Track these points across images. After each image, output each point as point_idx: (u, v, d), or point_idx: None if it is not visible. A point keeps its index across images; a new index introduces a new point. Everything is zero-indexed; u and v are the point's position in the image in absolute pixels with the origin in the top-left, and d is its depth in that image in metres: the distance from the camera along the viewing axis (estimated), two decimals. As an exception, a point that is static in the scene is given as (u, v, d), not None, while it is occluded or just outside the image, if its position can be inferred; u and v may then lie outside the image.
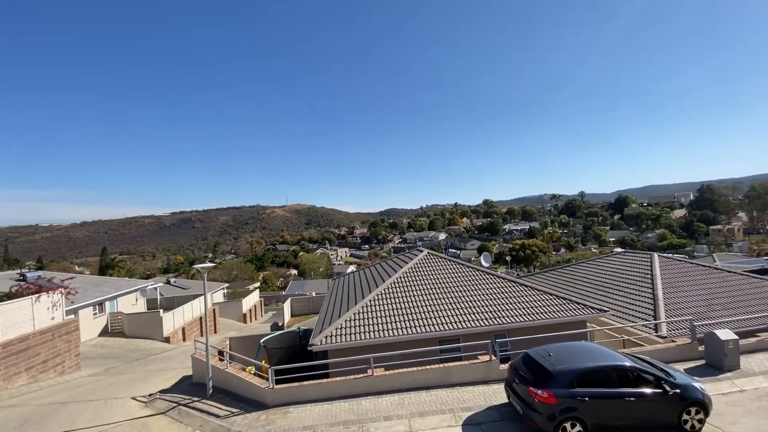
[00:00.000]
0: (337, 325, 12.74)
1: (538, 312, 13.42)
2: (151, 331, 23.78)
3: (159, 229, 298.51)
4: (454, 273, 16.52)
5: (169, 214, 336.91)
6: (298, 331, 14.92)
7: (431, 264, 17.51)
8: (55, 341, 15.40)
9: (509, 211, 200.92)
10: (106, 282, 28.28)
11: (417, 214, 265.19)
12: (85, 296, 21.65)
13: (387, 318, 13.26)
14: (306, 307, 39.89)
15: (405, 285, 15.59)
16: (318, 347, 11.81)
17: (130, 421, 9.63)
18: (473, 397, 9.70)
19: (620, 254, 23.29)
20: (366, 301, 14.24)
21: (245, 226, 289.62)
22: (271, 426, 8.81)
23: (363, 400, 9.84)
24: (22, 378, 13.76)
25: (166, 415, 9.88)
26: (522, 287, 15.10)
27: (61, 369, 15.51)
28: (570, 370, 7.71)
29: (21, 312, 14.15)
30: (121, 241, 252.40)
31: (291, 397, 10.06)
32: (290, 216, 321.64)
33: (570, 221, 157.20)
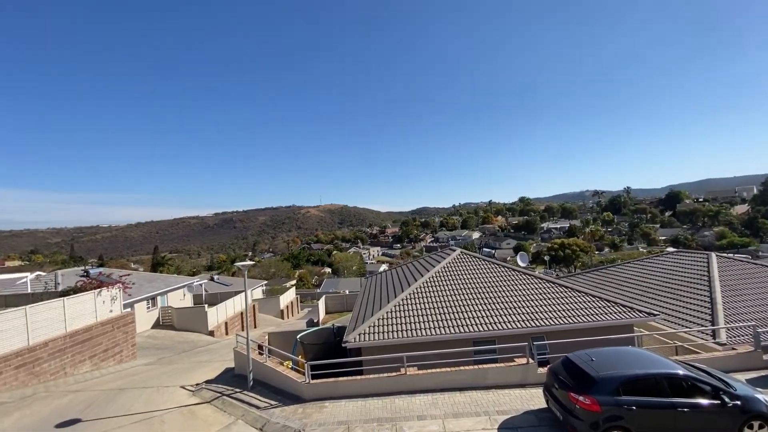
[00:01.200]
0: (370, 323, 12.88)
1: (580, 314, 12.79)
2: (197, 324, 25.31)
3: (203, 229, 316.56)
4: (488, 273, 16.13)
5: (212, 214, 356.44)
6: (332, 328, 15.25)
7: (464, 263, 17.22)
8: (115, 332, 16.81)
9: (547, 208, 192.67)
10: (157, 278, 30.49)
11: (449, 212, 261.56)
12: (139, 291, 23.45)
13: (419, 317, 13.21)
14: (340, 304, 40.69)
15: (437, 284, 15.45)
16: (352, 344, 12.01)
17: (179, 408, 10.32)
18: (510, 401, 9.44)
19: (672, 254, 21.61)
20: (398, 300, 14.27)
21: (282, 226, 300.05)
22: (308, 419, 9.08)
23: (396, 399, 9.88)
24: (87, 365, 15.16)
25: (211, 404, 10.48)
26: (562, 288, 14.46)
27: (119, 358, 16.91)
28: (615, 377, 7.28)
29: (85, 305, 15.59)
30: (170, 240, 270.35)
31: (326, 392, 10.31)
32: (324, 216, 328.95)
33: (614, 219, 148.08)
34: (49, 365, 13.53)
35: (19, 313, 12.81)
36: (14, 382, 12.25)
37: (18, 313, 12.78)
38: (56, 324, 14.06)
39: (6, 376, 12.03)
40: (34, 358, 12.99)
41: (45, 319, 13.65)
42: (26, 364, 12.72)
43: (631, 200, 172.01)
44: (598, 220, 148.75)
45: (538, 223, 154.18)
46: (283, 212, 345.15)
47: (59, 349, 13.97)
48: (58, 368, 13.84)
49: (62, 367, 14.03)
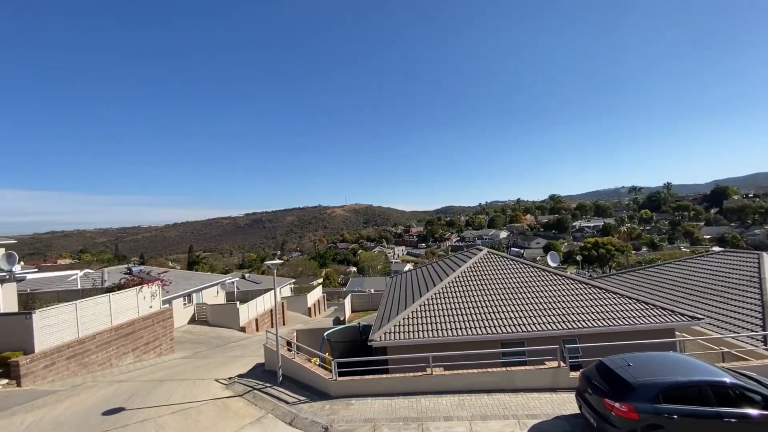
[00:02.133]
0: (395, 322, 12.90)
1: (615, 317, 12.21)
2: (229, 320, 26.34)
3: (235, 229, 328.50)
4: (517, 273, 15.73)
5: (243, 215, 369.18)
6: (358, 326, 15.42)
7: (492, 263, 16.88)
8: (154, 326, 17.81)
9: (579, 206, 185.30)
10: (193, 276, 31.99)
11: (475, 211, 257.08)
12: (176, 288, 24.70)
13: (445, 317, 13.09)
14: (365, 303, 41.00)
15: (464, 285, 15.24)
16: (377, 343, 12.08)
17: (214, 400, 10.79)
18: (540, 405, 9.17)
19: (719, 254, 20.16)
20: (423, 299, 14.21)
21: (308, 226, 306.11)
22: (335, 416, 9.23)
23: (422, 399, 9.85)
24: (129, 357, 16.15)
25: (243, 398, 10.88)
26: (595, 289, 13.86)
27: (159, 351, 17.90)
28: (655, 383, 6.90)
29: (128, 301, 16.61)
30: (204, 240, 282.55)
31: (352, 390, 10.44)
32: (349, 215, 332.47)
33: (653, 216, 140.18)
34: (97, 356, 14.54)
35: (71, 307, 13.85)
36: (66, 371, 13.25)
37: (69, 307, 13.82)
38: (103, 318, 15.08)
39: (59, 365, 13.03)
40: (83, 350, 14.00)
41: (93, 313, 14.67)
42: (76, 355, 13.73)
43: (672, 197, 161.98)
44: (635, 218, 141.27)
45: (570, 221, 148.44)
46: (309, 212, 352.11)
47: (105, 341, 14.98)
48: (104, 359, 14.84)
49: (108, 358, 15.03)
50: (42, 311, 12.92)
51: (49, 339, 12.88)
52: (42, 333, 12.66)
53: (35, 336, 12.46)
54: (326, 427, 8.71)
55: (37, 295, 19.08)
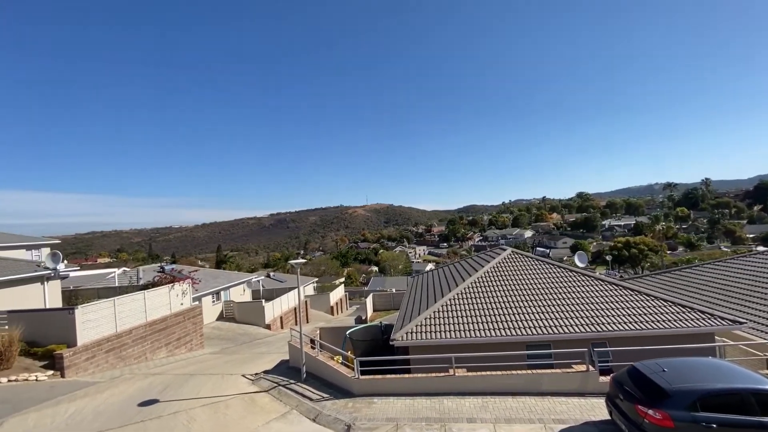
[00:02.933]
0: (417, 322, 12.86)
1: (649, 320, 11.66)
2: (255, 318, 27.10)
3: (260, 229, 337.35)
4: (542, 273, 15.31)
5: (268, 215, 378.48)
6: (380, 325, 15.46)
7: (516, 263, 16.51)
8: (185, 323, 18.57)
9: (609, 204, 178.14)
10: (221, 275, 33.12)
11: (499, 210, 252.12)
12: (205, 286, 25.65)
13: (468, 318, 12.91)
14: (387, 302, 41.09)
15: (487, 285, 14.99)
16: (399, 342, 12.09)
17: (241, 395, 11.14)
18: (567, 409, 8.90)
19: (763, 254, 18.83)
20: (446, 299, 14.08)
21: (330, 225, 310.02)
22: (357, 414, 9.32)
23: (445, 399, 9.78)
24: (163, 352, 16.92)
25: (269, 393, 11.18)
26: (627, 291, 13.29)
27: (189, 346, 18.65)
28: (692, 390, 6.55)
29: (161, 298, 17.41)
30: (231, 240, 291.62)
31: (375, 389, 10.50)
32: (370, 215, 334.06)
33: (690, 214, 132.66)
34: (133, 350, 15.33)
35: (109, 303, 14.68)
36: (105, 364, 14.05)
37: (108, 303, 14.65)
38: (138, 314, 15.88)
39: (98, 358, 13.84)
40: (121, 344, 14.79)
41: (129, 309, 15.48)
42: (115, 348, 14.53)
43: (711, 193, 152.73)
44: (670, 216, 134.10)
45: (599, 220, 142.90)
46: (331, 212, 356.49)
47: (141, 336, 15.76)
48: (140, 353, 15.62)
49: (143, 352, 15.81)
50: (83, 307, 13.76)
51: (89, 333, 13.70)
52: (83, 327, 13.48)
53: (77, 330, 13.28)
54: (349, 424, 8.80)
55: (79, 292, 20.35)
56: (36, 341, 13.35)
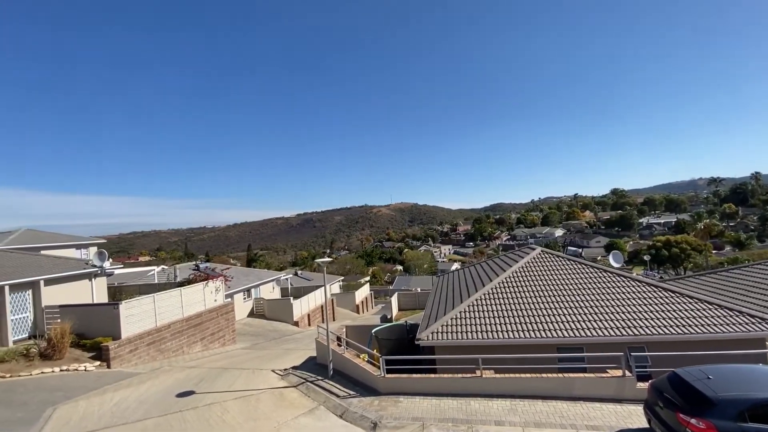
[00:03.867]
0: (443, 321, 12.75)
1: (691, 323, 10.97)
2: (284, 315, 27.84)
3: (288, 229, 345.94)
4: (574, 274, 14.75)
5: (295, 215, 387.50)
6: (405, 324, 15.45)
7: (546, 263, 16.00)
8: (218, 319, 19.38)
9: (647, 200, 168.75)
10: (251, 273, 34.28)
11: (527, 208, 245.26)
12: (237, 284, 26.62)
13: (495, 319, 12.65)
14: (412, 302, 40.98)
15: (515, 285, 14.62)
16: (425, 342, 12.04)
17: (271, 389, 11.50)
18: (602, 416, 8.53)
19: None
20: (472, 300, 13.87)
21: (355, 225, 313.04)
22: (383, 412, 9.38)
23: (472, 401, 9.65)
24: (198, 346, 17.74)
25: (297, 389, 11.47)
26: (667, 292, 12.56)
27: (222, 341, 19.44)
28: (740, 399, 6.11)
29: (196, 294, 18.25)
30: (260, 239, 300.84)
31: (400, 387, 10.52)
32: (394, 214, 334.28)
33: (739, 211, 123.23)
34: (171, 344, 16.17)
35: (149, 299, 15.57)
36: (146, 356, 14.91)
37: (148, 299, 15.54)
38: (175, 310, 16.73)
39: (140, 351, 14.71)
40: (160, 337, 15.65)
41: (167, 305, 16.34)
42: (155, 342, 15.39)
43: (762, 188, 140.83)
44: (716, 213, 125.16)
45: (636, 217, 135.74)
46: (356, 212, 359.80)
47: (178, 330, 16.60)
48: (177, 347, 16.46)
49: (180, 346, 16.65)
50: (126, 302, 14.67)
51: (132, 327, 14.59)
52: (127, 321, 14.38)
53: (122, 324, 14.18)
54: (375, 422, 8.88)
55: (122, 288, 21.69)
56: (85, 334, 14.38)
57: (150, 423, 9.12)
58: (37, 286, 15.50)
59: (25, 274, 15.35)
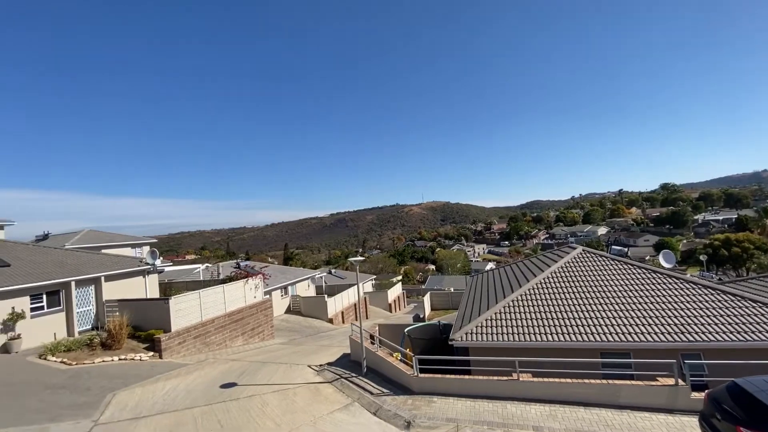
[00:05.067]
0: (477, 322, 12.52)
1: (755, 330, 9.98)
2: (319, 312, 28.57)
3: (321, 228, 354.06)
4: (620, 274, 13.91)
5: (329, 215, 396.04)
6: (438, 324, 15.31)
7: (588, 263, 15.21)
8: (258, 315, 20.24)
9: (703, 195, 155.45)
10: (288, 270, 35.48)
11: (567, 205, 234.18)
12: (275, 281, 27.67)
13: (533, 321, 12.22)
14: (445, 302, 40.50)
15: (554, 286, 14.03)
16: (458, 343, 11.88)
17: (307, 384, 11.87)
18: (651, 426, 7.99)
19: None
20: (508, 300, 13.49)
21: (387, 224, 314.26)
22: (417, 411, 9.37)
23: (508, 404, 9.39)
24: (239, 340, 18.64)
25: (332, 385, 11.74)
26: (727, 296, 11.52)
27: (262, 336, 20.29)
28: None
29: (237, 291, 19.18)
30: (296, 238, 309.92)
31: (434, 387, 10.46)
32: (426, 213, 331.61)
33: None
34: (215, 337, 17.12)
35: (195, 295, 16.57)
36: (193, 348, 15.89)
37: (195, 295, 16.55)
38: (219, 305, 17.69)
39: (188, 343, 15.70)
40: (205, 331, 16.62)
41: (212, 301, 17.31)
42: (200, 335, 16.36)
43: None
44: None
45: (690, 214, 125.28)
46: (387, 211, 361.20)
47: (221, 325, 17.54)
48: (220, 340, 17.40)
49: (223, 340, 17.58)
50: (175, 298, 15.72)
51: (181, 321, 15.61)
52: (176, 316, 15.40)
53: (171, 318, 15.22)
54: (409, 421, 8.89)
55: (172, 285, 23.27)
56: (140, 326, 15.60)
57: (197, 411, 9.73)
58: (98, 282, 17.03)
59: (88, 270, 16.91)
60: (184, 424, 8.95)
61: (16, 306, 14.08)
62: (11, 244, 18.32)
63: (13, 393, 10.41)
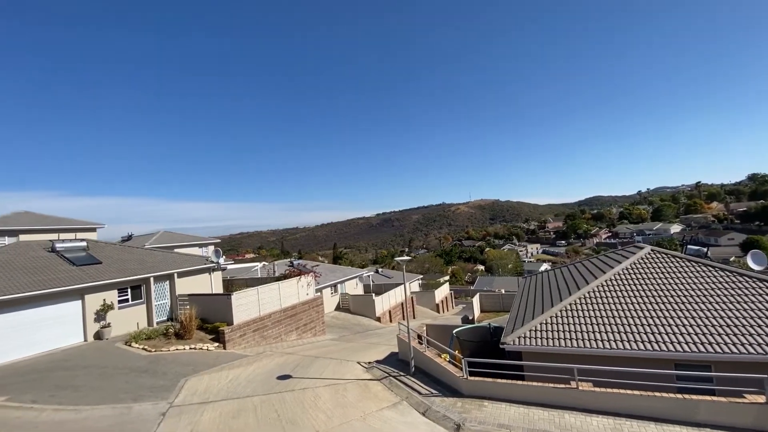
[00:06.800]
0: (531, 326, 11.92)
1: None
2: (367, 310, 29.09)
3: (368, 228, 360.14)
4: (698, 277, 12.43)
5: (375, 215, 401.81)
6: (488, 326, 14.85)
7: (658, 264, 13.79)
8: (310, 311, 21.14)
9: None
10: (337, 269, 36.60)
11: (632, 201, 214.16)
12: (325, 279, 28.70)
13: (594, 326, 11.36)
14: (495, 303, 39.12)
15: (618, 289, 12.92)
16: (511, 347, 11.41)
17: (356, 380, 12.16)
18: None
19: None
20: (566, 303, 12.67)
21: (433, 224, 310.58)
22: (467, 415, 9.17)
23: (566, 414, 8.84)
24: (293, 335, 19.60)
25: (381, 382, 11.90)
26: (838, 305, 9.78)
27: (314, 332, 21.16)
28: None
29: (291, 288, 20.19)
30: (344, 238, 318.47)
31: (484, 391, 10.16)
32: (474, 212, 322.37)
33: None
34: (272, 331, 18.18)
35: (254, 291, 17.75)
36: (252, 341, 17.03)
37: (253, 291, 17.73)
38: (274, 301, 18.77)
39: (248, 336, 16.85)
40: (263, 325, 17.72)
41: (268, 297, 18.42)
42: (259, 329, 17.48)
43: None
44: None
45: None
46: (433, 210, 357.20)
47: (277, 320, 18.60)
48: (276, 335, 18.45)
49: (279, 334, 18.61)
50: (237, 293, 16.97)
51: (241, 315, 16.82)
52: (237, 310, 16.62)
53: (233, 312, 16.46)
54: (459, 424, 8.74)
55: (233, 281, 25.14)
56: (206, 318, 17.07)
57: (257, 400, 10.42)
58: (172, 278, 18.92)
59: (164, 268, 18.87)
60: (245, 411, 9.64)
61: (106, 298, 16.15)
62: (102, 244, 21.01)
63: (105, 375, 11.96)
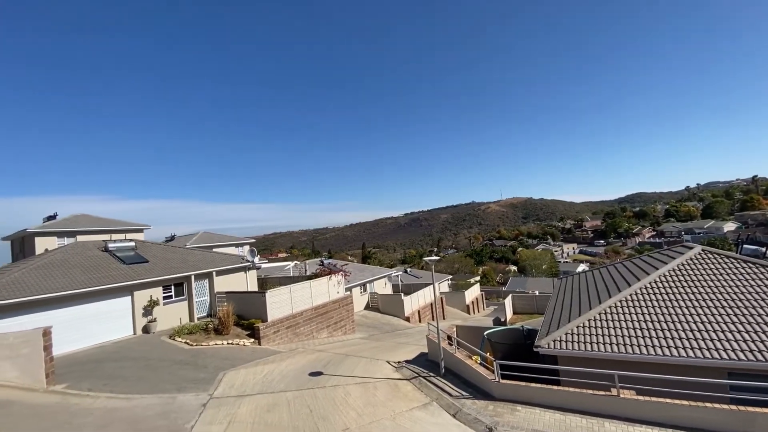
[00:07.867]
0: (567, 329, 11.46)
1: None
2: (396, 310, 29.15)
3: (397, 228, 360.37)
4: (755, 280, 11.42)
5: (403, 215, 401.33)
6: (522, 329, 14.43)
7: (709, 265, 12.81)
8: (340, 309, 21.50)
9: None
10: (366, 269, 36.95)
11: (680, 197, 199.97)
12: (355, 279, 29.07)
13: (637, 330, 10.73)
14: (528, 305, 37.97)
15: (664, 291, 12.12)
16: (545, 350, 11.02)
17: (386, 380, 12.23)
18: (805, 470, 6.43)
19: None
20: (605, 306, 12.06)
21: (463, 223, 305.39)
22: (499, 419, 8.97)
23: (606, 422, 8.43)
24: (324, 333, 20.02)
25: (411, 382, 11.90)
26: None
27: (344, 330, 21.50)
28: None
29: (322, 287, 20.64)
30: (373, 238, 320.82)
31: (517, 395, 9.89)
32: (505, 210, 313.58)
33: None
34: (303, 329, 18.68)
35: (287, 289, 18.32)
36: (285, 337, 17.58)
37: (286, 289, 18.30)
38: (306, 300, 19.26)
39: (281, 333, 17.41)
40: (295, 323, 18.25)
41: (300, 295, 18.94)
42: (291, 326, 18.02)
43: None
44: None
45: None
46: (462, 209, 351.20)
47: (309, 318, 19.07)
48: (308, 332, 18.92)
49: (311, 331, 19.08)
50: (270, 291, 17.59)
51: (275, 312, 17.41)
52: (271, 307, 17.23)
53: (268, 309, 17.07)
54: (491, 428, 8.57)
55: (267, 280, 26.04)
56: (242, 315, 17.81)
57: (290, 395, 10.76)
58: (211, 276, 19.90)
59: (204, 266, 19.89)
60: (279, 406, 9.98)
61: (153, 295, 17.27)
62: (148, 244, 22.48)
63: (151, 366, 12.80)
